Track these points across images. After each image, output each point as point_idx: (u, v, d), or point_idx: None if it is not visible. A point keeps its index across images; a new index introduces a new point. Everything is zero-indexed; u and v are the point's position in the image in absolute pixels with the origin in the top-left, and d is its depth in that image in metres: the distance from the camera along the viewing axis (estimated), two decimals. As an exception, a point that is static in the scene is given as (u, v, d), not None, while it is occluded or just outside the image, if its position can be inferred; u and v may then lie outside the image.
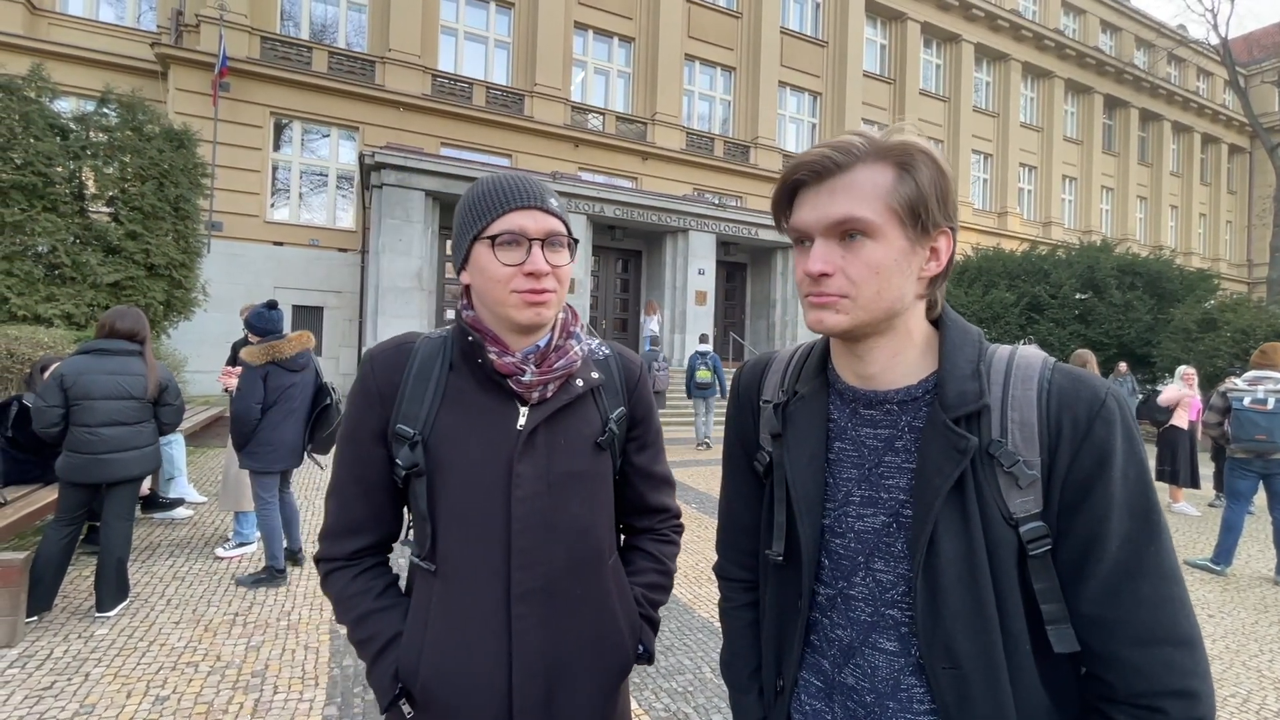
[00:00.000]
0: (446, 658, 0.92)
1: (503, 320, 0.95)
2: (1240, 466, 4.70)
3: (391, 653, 0.95)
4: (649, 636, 1.09)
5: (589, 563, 0.99)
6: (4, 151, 6.90)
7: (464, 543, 0.93)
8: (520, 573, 0.92)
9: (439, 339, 1.01)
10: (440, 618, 0.93)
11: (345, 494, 0.99)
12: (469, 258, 0.95)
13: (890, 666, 0.74)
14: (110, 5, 13.60)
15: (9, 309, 6.91)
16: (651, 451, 1.14)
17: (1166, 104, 28.65)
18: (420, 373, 0.97)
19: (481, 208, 0.93)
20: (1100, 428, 0.67)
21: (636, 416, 1.10)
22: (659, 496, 1.15)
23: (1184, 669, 0.65)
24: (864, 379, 0.78)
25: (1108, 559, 0.66)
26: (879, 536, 0.75)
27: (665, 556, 1.16)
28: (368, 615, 0.97)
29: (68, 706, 2.49)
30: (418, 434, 0.93)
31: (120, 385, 3.27)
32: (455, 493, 0.93)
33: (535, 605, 0.93)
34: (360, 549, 1.00)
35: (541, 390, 0.96)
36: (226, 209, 12.79)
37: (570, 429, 0.99)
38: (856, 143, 0.69)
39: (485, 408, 0.96)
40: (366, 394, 0.97)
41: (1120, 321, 15.01)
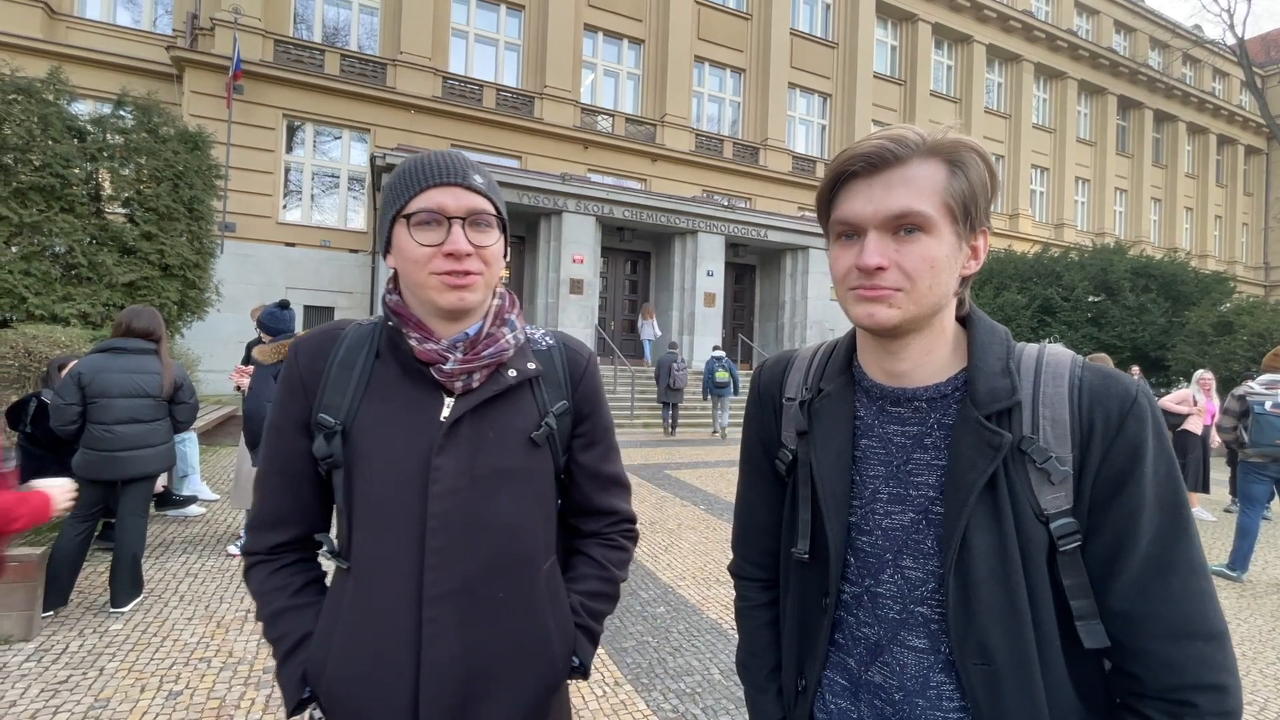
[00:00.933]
0: (352, 661, 0.87)
1: (426, 304, 0.90)
2: (1255, 471, 4.64)
3: (300, 653, 0.90)
4: (585, 648, 1.01)
5: (516, 565, 0.93)
6: (23, 153, 7.00)
7: (377, 539, 0.88)
8: (434, 573, 0.86)
9: (369, 327, 0.97)
10: (350, 618, 0.88)
11: (269, 486, 0.95)
12: (391, 240, 0.90)
13: (919, 664, 0.74)
14: (127, 9, 13.78)
15: (27, 308, 7.01)
16: (600, 450, 1.06)
17: (1182, 105, 28.34)
18: (344, 361, 0.93)
19: (400, 186, 0.88)
20: (1133, 424, 0.67)
21: (582, 411, 1.03)
22: (607, 498, 1.08)
23: (1214, 663, 0.65)
24: (894, 376, 0.77)
25: (1138, 554, 0.67)
26: (908, 534, 0.75)
27: (611, 563, 1.07)
28: (281, 613, 0.93)
29: (82, 700, 2.51)
30: (339, 424, 0.89)
31: (136, 383, 3.31)
32: (372, 486, 0.88)
33: (450, 608, 0.87)
34: (281, 543, 0.95)
35: (466, 380, 0.90)
36: (239, 210, 12.92)
37: (500, 422, 0.93)
38: (911, 137, 0.69)
39: (409, 398, 0.91)
40: (290, 383, 0.94)
41: (1134, 324, 14.86)
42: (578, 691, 2.74)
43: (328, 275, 13.71)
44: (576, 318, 13.74)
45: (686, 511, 5.94)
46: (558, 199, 13.53)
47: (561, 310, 13.59)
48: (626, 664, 3.00)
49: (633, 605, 3.70)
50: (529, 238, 14.70)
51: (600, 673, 2.91)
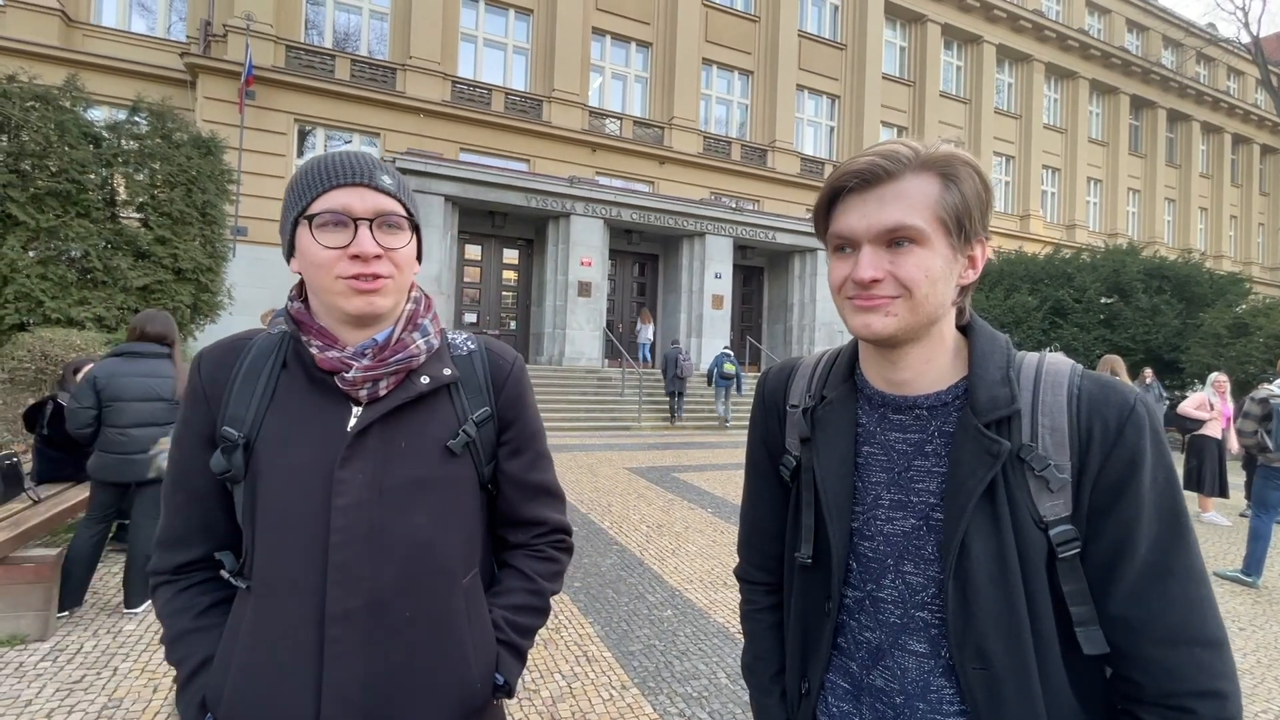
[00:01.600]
0: (251, 684, 0.83)
1: (333, 310, 0.85)
2: (1276, 476, 4.56)
3: (201, 677, 0.86)
4: (509, 666, 0.95)
5: (429, 581, 0.88)
6: (40, 159, 7.11)
7: (278, 556, 0.84)
8: (337, 589, 0.82)
9: (277, 335, 0.92)
10: (248, 640, 0.84)
11: (172, 502, 0.91)
12: (294, 242, 0.85)
13: (920, 668, 0.75)
14: (142, 17, 13.98)
15: (44, 312, 7.11)
16: (527, 458, 1.02)
17: (1195, 104, 28.04)
18: (249, 372, 0.88)
19: (303, 186, 0.84)
20: (1131, 433, 0.68)
21: (506, 418, 0.99)
22: (535, 508, 1.03)
23: (1213, 669, 0.66)
24: (895, 385, 0.79)
25: (1137, 561, 0.68)
26: (909, 539, 0.76)
27: (539, 575, 1.02)
28: (182, 635, 0.89)
29: (96, 700, 2.55)
30: (242, 436, 0.85)
31: (150, 387, 3.36)
32: (273, 501, 0.84)
33: (354, 627, 0.82)
34: (186, 563, 0.91)
35: (371, 388, 0.86)
36: (251, 214, 13.06)
37: (413, 431, 0.88)
38: (904, 152, 0.70)
39: (314, 408, 0.87)
40: (193, 395, 0.90)
41: (1147, 326, 14.70)
42: (584, 694, 2.75)
43: (338, 278, 13.82)
44: (584, 320, 13.77)
45: (694, 515, 5.94)
46: (566, 202, 13.58)
47: (570, 313, 13.62)
48: (633, 667, 3.01)
49: (640, 609, 3.70)
50: (537, 241, 14.76)
51: (607, 676, 2.92)
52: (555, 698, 2.72)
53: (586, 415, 11.75)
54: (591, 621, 3.49)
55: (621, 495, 6.56)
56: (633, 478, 7.51)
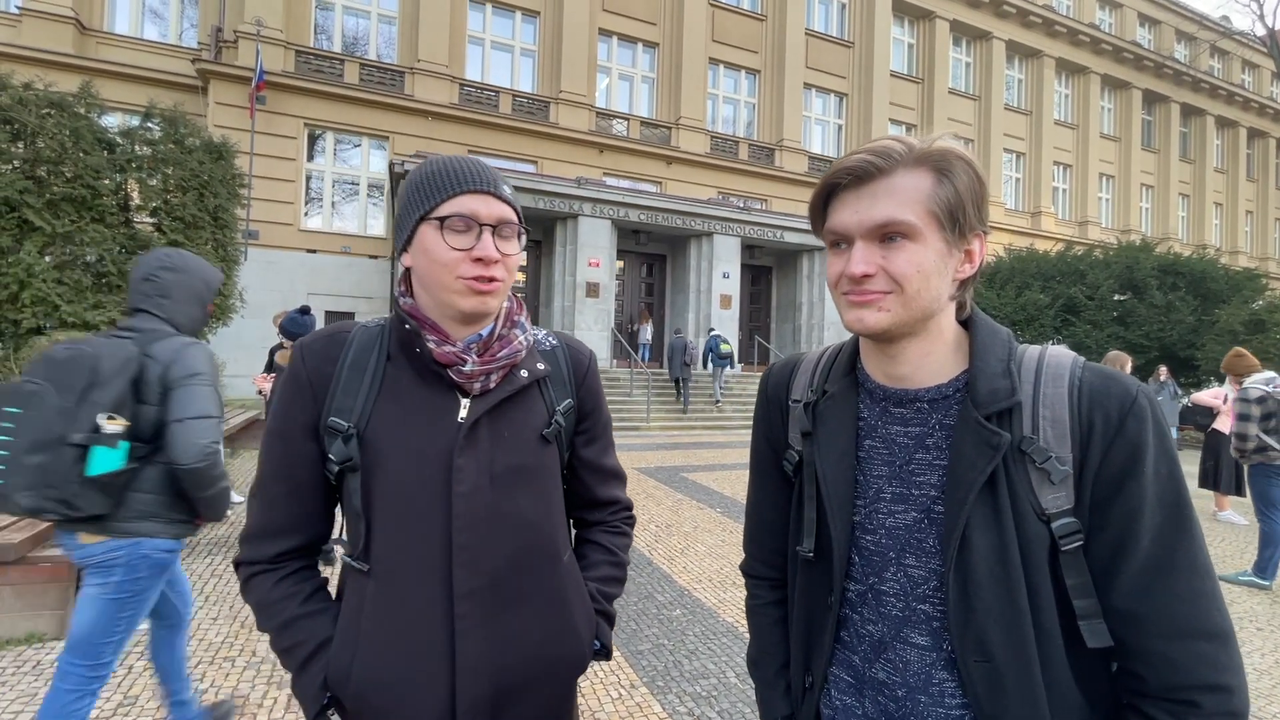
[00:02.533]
0: (382, 663, 0.86)
1: (445, 307, 0.90)
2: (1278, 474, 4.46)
3: (320, 659, 0.89)
4: (605, 632, 1.05)
5: (539, 558, 0.95)
6: (56, 165, 7.22)
7: (401, 540, 0.88)
8: (462, 570, 0.88)
9: (376, 328, 0.96)
10: (375, 621, 0.88)
11: (270, 493, 0.93)
12: (412, 239, 0.90)
13: (922, 661, 0.75)
14: (154, 24, 14.16)
15: (60, 316, 7.22)
16: (601, 444, 1.11)
17: (1209, 98, 27.68)
18: (355, 363, 0.92)
19: (431, 188, 0.88)
20: (1132, 424, 0.68)
21: (585, 409, 1.06)
22: (609, 489, 1.12)
23: (1218, 663, 0.65)
24: (895, 378, 0.79)
25: (1140, 554, 0.67)
26: (910, 532, 0.76)
27: (618, 549, 1.13)
28: (293, 621, 0.91)
29: (112, 697, 2.58)
30: (352, 427, 0.88)
31: (162, 388, 3.39)
32: (391, 488, 0.88)
33: (479, 604, 0.88)
34: (284, 552, 0.94)
35: (484, 381, 0.92)
36: (263, 218, 13.19)
37: (514, 421, 0.95)
38: (896, 148, 0.71)
39: (424, 399, 0.91)
40: (297, 386, 0.92)
41: (1161, 323, 14.52)
42: (594, 693, 2.75)
43: (349, 281, 13.93)
44: (593, 321, 13.79)
45: (703, 514, 5.93)
46: (573, 203, 13.61)
47: (578, 313, 13.64)
48: (643, 666, 3.00)
49: (649, 608, 3.70)
50: (545, 241, 14.80)
51: (616, 675, 2.92)
52: (564, 696, 2.72)
53: (595, 416, 11.75)
54: (600, 621, 3.49)
55: (630, 495, 6.53)
56: (642, 477, 7.51)
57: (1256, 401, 4.34)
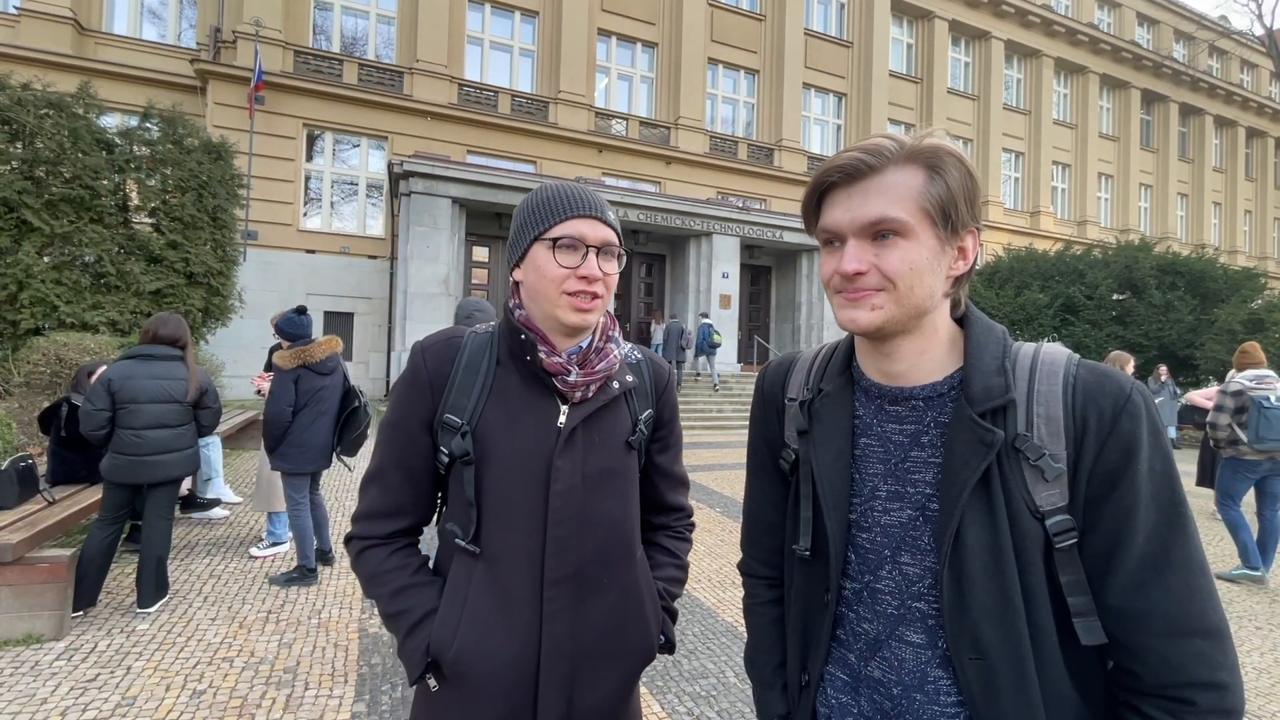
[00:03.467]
0: (481, 635, 0.95)
1: (550, 319, 0.99)
2: (1248, 469, 4.56)
3: (426, 627, 0.98)
4: (669, 627, 1.14)
5: (618, 554, 1.04)
6: (54, 166, 7.22)
7: (505, 529, 0.97)
8: (554, 560, 0.97)
9: (486, 335, 1.05)
10: (478, 597, 0.97)
11: (389, 479, 1.03)
12: (526, 255, 1.00)
13: (917, 659, 0.75)
14: (153, 24, 14.15)
15: (58, 316, 7.21)
16: (673, 453, 1.19)
17: (1208, 98, 27.69)
18: (469, 366, 1.01)
19: (546, 210, 0.98)
20: (1126, 422, 0.68)
21: (663, 419, 1.15)
22: (676, 496, 1.21)
23: (1213, 660, 0.65)
24: (890, 376, 0.78)
25: (1135, 551, 0.67)
26: (906, 530, 0.76)
27: (682, 552, 1.21)
28: (404, 590, 1.00)
29: (110, 698, 2.58)
30: (465, 424, 0.97)
31: (164, 389, 3.39)
32: (499, 482, 0.97)
33: (566, 591, 0.98)
34: (397, 531, 1.04)
35: (584, 390, 1.00)
36: (261, 219, 13.18)
37: (605, 428, 1.03)
38: (888, 145, 0.71)
39: (529, 403, 1.00)
40: (417, 383, 1.01)
41: (1160, 323, 14.52)
42: (592, 693, 2.75)
43: (348, 281, 13.92)
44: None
45: (702, 514, 5.92)
46: (572, 203, 13.57)
47: (577, 313, 13.62)
48: (641, 666, 3.00)
49: (648, 608, 3.70)
50: (544, 242, 14.76)
51: (615, 675, 2.92)
52: (563, 696, 2.72)
53: (594, 416, 11.76)
54: (599, 621, 3.49)
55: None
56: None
57: (1233, 394, 4.51)
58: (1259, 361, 4.61)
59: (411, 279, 11.94)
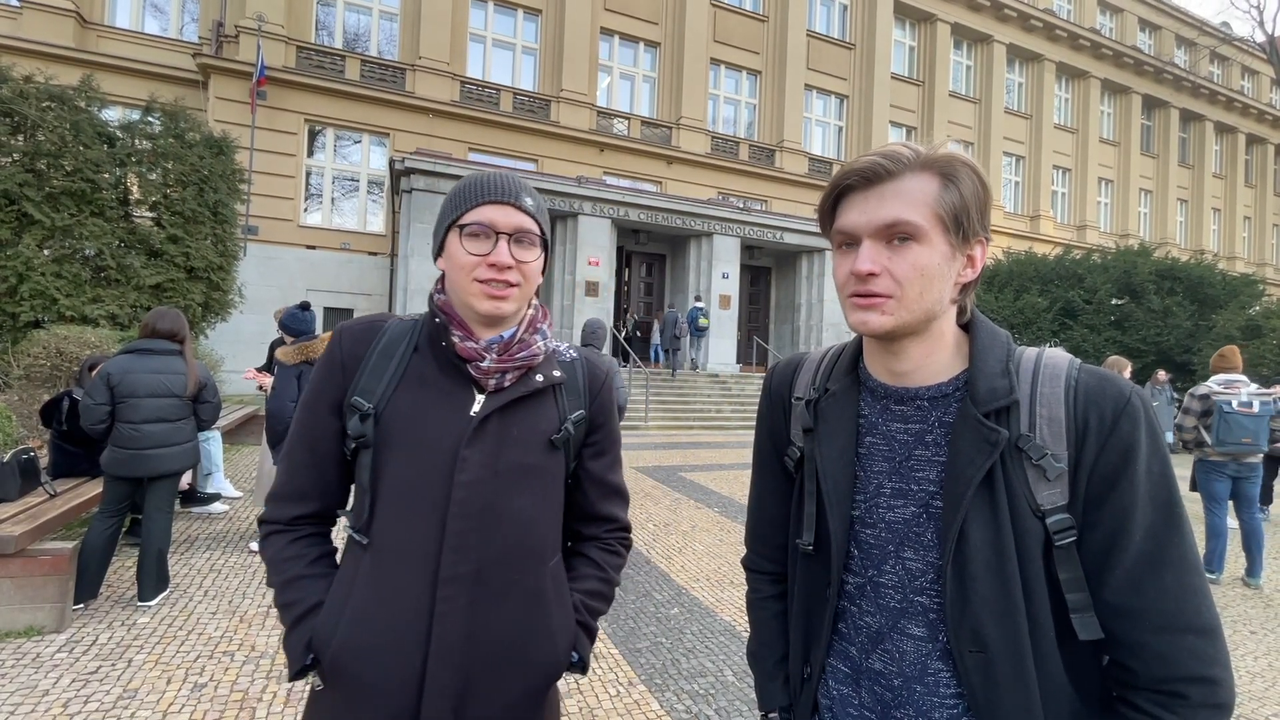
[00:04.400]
0: (363, 632, 0.91)
1: (466, 308, 0.97)
2: (1216, 470, 4.66)
3: (309, 620, 0.94)
4: (584, 645, 1.07)
5: (526, 557, 0.98)
6: (55, 159, 7.21)
7: (400, 519, 0.93)
8: (452, 555, 0.92)
9: (410, 322, 1.03)
10: (364, 591, 0.93)
11: (295, 460, 1.00)
12: (444, 244, 0.99)
13: (918, 651, 0.76)
14: (155, 18, 14.13)
15: (58, 310, 7.20)
16: (608, 460, 1.13)
17: (1209, 104, 27.75)
18: (385, 350, 0.99)
19: (460, 198, 0.97)
20: (1126, 424, 0.70)
21: (596, 422, 1.10)
22: (609, 506, 1.14)
23: (1206, 656, 0.67)
24: (897, 376, 0.80)
25: (1132, 549, 0.69)
26: (909, 526, 0.77)
27: (609, 566, 1.14)
28: (294, 580, 0.97)
29: (111, 690, 2.59)
30: (371, 407, 0.94)
31: (163, 384, 3.40)
32: (399, 469, 0.94)
33: (462, 590, 0.92)
34: (301, 516, 1.00)
35: (499, 378, 0.98)
36: (262, 214, 13.17)
37: (524, 422, 0.99)
38: (904, 152, 0.73)
39: (443, 390, 0.97)
40: (330, 364, 0.99)
41: (1159, 328, 14.57)
42: (591, 690, 2.77)
43: (348, 277, 13.92)
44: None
45: (700, 514, 5.94)
46: (573, 202, 13.61)
47: (577, 313, 13.64)
48: (640, 664, 3.02)
49: (646, 607, 3.71)
50: (545, 240, 14.77)
51: (615, 673, 2.93)
52: (562, 694, 2.72)
53: (593, 414, 11.77)
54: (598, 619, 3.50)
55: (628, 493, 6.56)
56: (640, 477, 7.52)
57: (1199, 398, 4.63)
58: (1233, 366, 4.69)
59: (412, 275, 11.95)
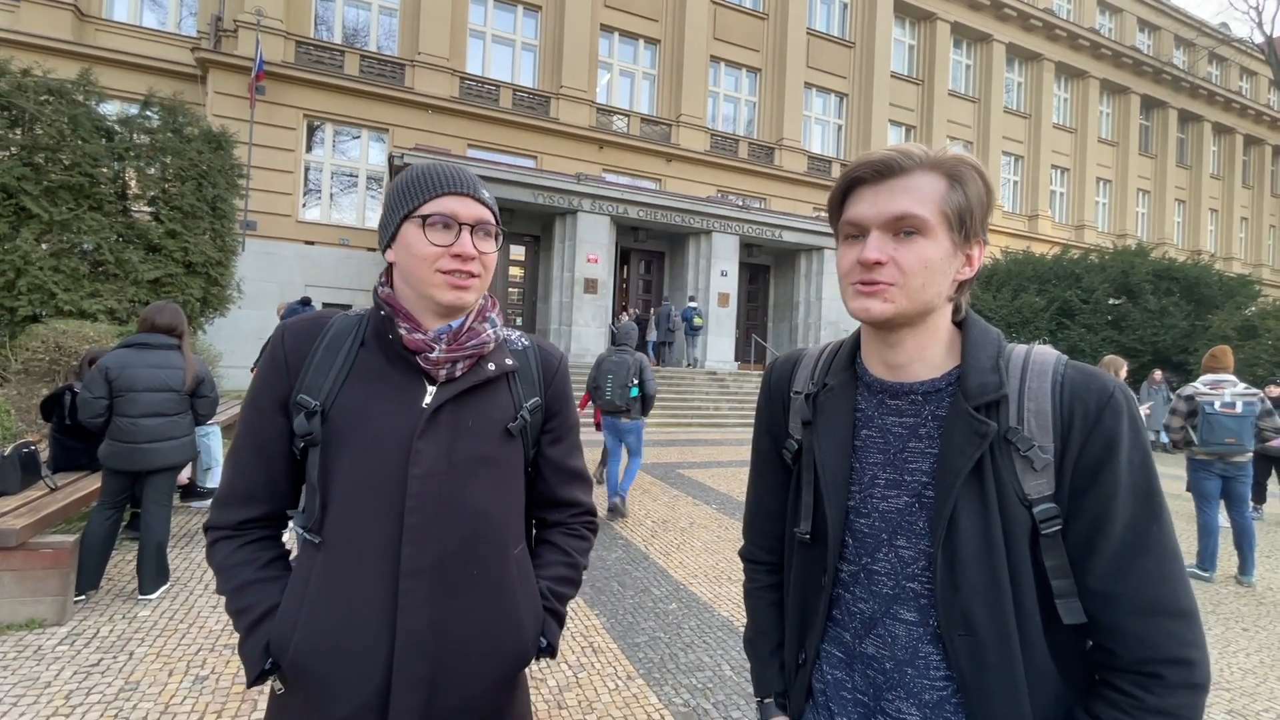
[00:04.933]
0: (322, 632, 0.90)
1: (424, 299, 0.96)
2: (1204, 468, 4.73)
3: (265, 624, 0.93)
4: (552, 630, 1.07)
5: (488, 547, 0.98)
6: (53, 153, 7.19)
7: (355, 516, 0.92)
8: (411, 548, 0.91)
9: (355, 317, 1.02)
10: (320, 591, 0.91)
11: (241, 461, 0.98)
12: (396, 236, 0.96)
13: (909, 635, 0.79)
14: (153, 12, 14.07)
15: (56, 304, 7.19)
16: (566, 445, 1.14)
17: (1207, 104, 27.80)
18: (331, 345, 0.97)
19: (416, 188, 0.95)
20: (1109, 417, 0.73)
21: (552, 409, 1.10)
22: (571, 490, 1.14)
23: (1183, 639, 0.70)
24: (892, 368, 0.83)
25: (1114, 537, 0.72)
26: (902, 516, 0.80)
27: (575, 550, 1.14)
28: (247, 585, 0.95)
29: (114, 683, 2.60)
30: (318, 404, 0.93)
31: (160, 378, 3.41)
32: (350, 465, 0.92)
33: (425, 583, 0.91)
34: (249, 519, 0.98)
35: (450, 369, 0.96)
36: (261, 209, 13.14)
37: (479, 412, 0.98)
38: (916, 152, 0.77)
39: (392, 384, 0.96)
40: (274, 362, 0.97)
41: (1155, 328, 14.63)
42: (590, 684, 2.79)
43: (346, 273, 13.90)
44: (590, 317, 13.79)
45: (699, 510, 5.97)
46: (573, 199, 13.60)
47: (576, 309, 13.65)
48: (639, 659, 3.04)
49: (645, 602, 3.74)
50: (544, 237, 14.80)
51: (613, 667, 2.96)
52: (562, 687, 2.76)
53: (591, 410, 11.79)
54: (598, 614, 3.53)
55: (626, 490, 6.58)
56: (638, 474, 7.53)
57: (1185, 399, 4.71)
58: (1224, 367, 4.75)
59: (410, 272, 11.93)
